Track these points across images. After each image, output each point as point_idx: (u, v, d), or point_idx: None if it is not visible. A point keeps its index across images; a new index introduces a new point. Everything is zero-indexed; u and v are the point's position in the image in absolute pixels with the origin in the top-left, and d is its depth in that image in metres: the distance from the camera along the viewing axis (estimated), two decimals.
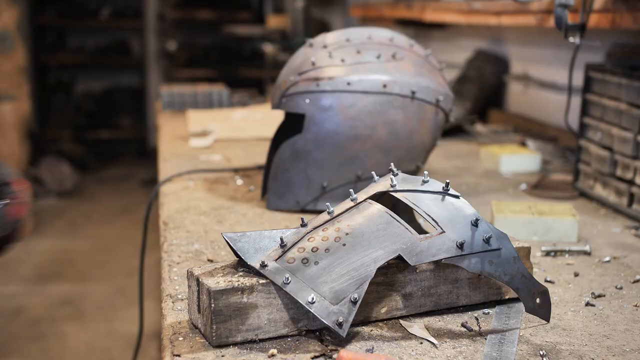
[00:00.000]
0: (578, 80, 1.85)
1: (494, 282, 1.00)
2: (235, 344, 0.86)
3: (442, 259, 0.89)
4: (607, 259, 1.23)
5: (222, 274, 0.89)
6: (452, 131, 2.39)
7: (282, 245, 0.91)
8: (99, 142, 6.76)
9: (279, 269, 0.88)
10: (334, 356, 0.85)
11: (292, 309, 0.88)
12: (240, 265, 0.91)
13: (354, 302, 0.86)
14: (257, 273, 0.89)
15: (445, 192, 0.94)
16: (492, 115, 2.72)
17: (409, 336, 0.91)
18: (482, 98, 2.71)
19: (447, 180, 0.96)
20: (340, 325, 0.85)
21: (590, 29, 1.67)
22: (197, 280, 0.88)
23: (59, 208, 5.33)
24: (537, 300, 0.93)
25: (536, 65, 2.54)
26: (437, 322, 0.95)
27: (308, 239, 0.91)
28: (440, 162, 2.00)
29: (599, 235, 1.37)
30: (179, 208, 1.49)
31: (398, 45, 1.48)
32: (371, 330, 0.92)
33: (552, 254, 1.25)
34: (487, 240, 0.90)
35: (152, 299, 3.03)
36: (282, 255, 0.90)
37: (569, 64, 1.78)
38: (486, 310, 0.98)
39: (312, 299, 0.85)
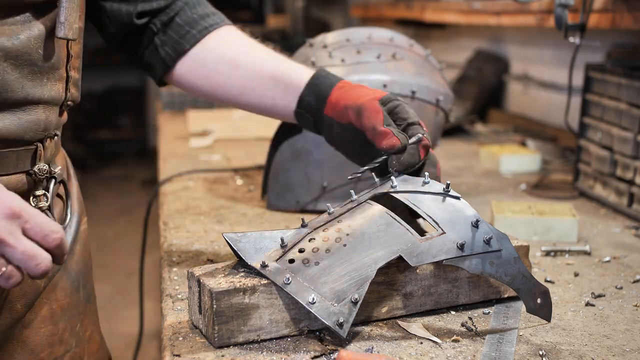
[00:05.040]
0: (578, 80, 1.85)
1: (493, 280, 1.00)
2: (236, 344, 0.86)
3: (442, 260, 0.90)
4: (607, 259, 1.23)
5: (223, 275, 0.89)
6: (452, 131, 2.39)
7: (283, 245, 0.91)
8: (99, 142, 6.76)
9: (279, 269, 0.88)
10: (334, 356, 0.85)
11: (294, 309, 0.88)
12: (241, 265, 0.91)
13: (355, 303, 0.86)
14: (257, 273, 0.89)
15: (446, 194, 0.94)
16: (492, 115, 2.72)
17: (409, 336, 0.91)
18: (482, 98, 2.71)
19: (448, 182, 0.96)
20: (340, 325, 0.85)
21: (590, 29, 1.67)
22: (198, 281, 0.88)
23: None
24: (538, 301, 0.93)
25: (536, 65, 2.54)
26: (437, 321, 0.95)
27: (309, 240, 0.91)
28: (440, 162, 2.00)
29: (599, 235, 1.37)
30: (179, 208, 1.49)
31: (398, 45, 1.48)
32: (371, 330, 0.92)
33: (552, 254, 1.25)
34: (487, 241, 0.90)
35: (152, 299, 3.03)
36: (282, 255, 0.90)
37: (569, 64, 1.78)
38: (486, 310, 0.99)
39: (313, 299, 0.85)
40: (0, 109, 0.90)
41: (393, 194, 0.96)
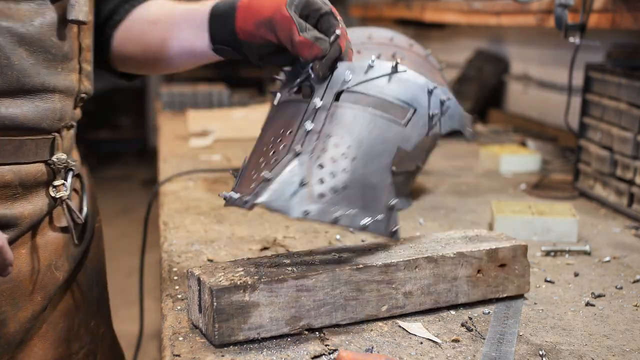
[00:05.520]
0: (578, 80, 1.85)
1: (492, 280, 1.00)
2: (237, 343, 0.86)
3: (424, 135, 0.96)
4: (607, 259, 1.23)
5: (223, 273, 0.89)
6: (452, 131, 2.38)
7: (303, 184, 0.89)
8: (99, 142, 6.76)
9: (321, 209, 0.88)
10: (334, 356, 0.85)
11: (294, 307, 0.88)
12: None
13: (392, 208, 0.91)
14: (256, 268, 0.89)
15: (395, 71, 0.98)
16: (492, 115, 2.72)
17: (409, 336, 0.91)
18: (482, 98, 2.71)
19: (397, 61, 0.99)
20: (395, 233, 0.91)
21: (590, 29, 1.67)
22: (198, 279, 0.88)
23: None
24: (467, 122, 1.01)
25: (536, 65, 2.54)
26: (437, 321, 0.95)
27: (319, 166, 0.90)
28: (440, 162, 2.00)
29: (599, 235, 1.37)
30: (179, 208, 1.49)
31: (398, 45, 1.47)
32: (371, 330, 0.92)
33: (552, 254, 1.25)
34: (442, 102, 0.98)
35: (152, 299, 3.02)
36: (309, 192, 0.88)
37: (569, 64, 1.78)
38: (486, 310, 0.99)
39: (366, 222, 0.89)
40: (17, 95, 0.92)
41: (353, 90, 0.96)
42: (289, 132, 0.95)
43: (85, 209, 1.08)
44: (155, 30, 1.11)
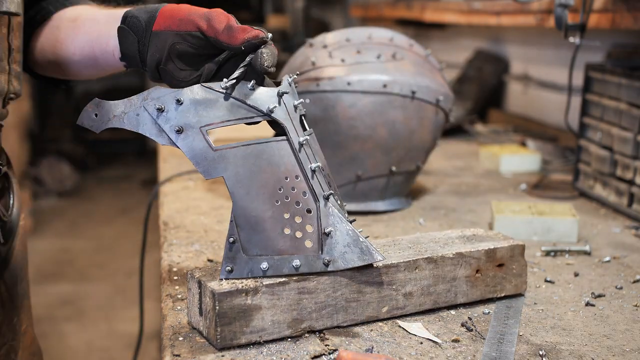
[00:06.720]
0: (578, 80, 1.85)
1: (490, 280, 1.00)
2: (239, 346, 0.86)
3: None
4: (607, 259, 1.23)
5: None
6: (452, 131, 2.39)
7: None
8: (99, 142, 6.76)
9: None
10: (334, 356, 0.85)
11: (296, 310, 0.88)
12: None
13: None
14: (263, 277, 0.89)
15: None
16: (492, 115, 2.72)
17: (409, 336, 0.91)
18: (482, 98, 2.71)
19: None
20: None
21: (590, 29, 1.67)
22: (199, 282, 0.88)
23: (59, 208, 5.33)
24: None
25: (536, 65, 2.54)
26: (437, 321, 0.95)
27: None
28: (440, 162, 2.00)
29: (599, 235, 1.37)
30: (179, 208, 1.49)
31: (398, 45, 1.48)
32: (371, 330, 0.92)
33: (552, 254, 1.25)
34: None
35: (152, 299, 3.03)
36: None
37: (569, 64, 1.78)
38: (486, 310, 0.99)
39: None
40: None
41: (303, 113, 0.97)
42: (295, 177, 0.90)
43: (14, 209, 1.07)
44: (72, 27, 1.07)
